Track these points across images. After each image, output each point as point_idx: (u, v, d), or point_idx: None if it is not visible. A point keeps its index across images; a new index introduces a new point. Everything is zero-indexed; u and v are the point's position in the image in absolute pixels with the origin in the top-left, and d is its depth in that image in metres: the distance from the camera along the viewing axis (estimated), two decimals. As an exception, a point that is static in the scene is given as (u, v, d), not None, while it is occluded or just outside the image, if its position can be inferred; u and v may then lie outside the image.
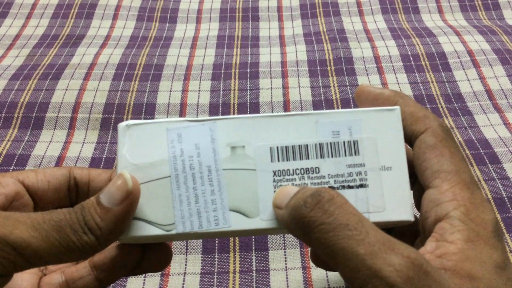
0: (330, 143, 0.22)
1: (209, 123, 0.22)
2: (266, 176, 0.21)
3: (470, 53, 0.50)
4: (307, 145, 0.22)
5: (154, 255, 0.23)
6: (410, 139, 0.22)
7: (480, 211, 0.19)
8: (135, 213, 0.21)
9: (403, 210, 0.21)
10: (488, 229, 0.18)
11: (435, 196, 0.19)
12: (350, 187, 0.21)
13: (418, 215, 0.22)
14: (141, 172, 0.21)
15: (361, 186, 0.21)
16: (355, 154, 0.22)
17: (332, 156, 0.22)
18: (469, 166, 0.20)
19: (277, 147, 0.22)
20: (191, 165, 0.21)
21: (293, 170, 0.21)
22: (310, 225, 0.18)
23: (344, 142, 0.22)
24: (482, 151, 0.40)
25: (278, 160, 0.21)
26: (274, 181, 0.21)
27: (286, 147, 0.22)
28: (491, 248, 0.18)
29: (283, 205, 0.19)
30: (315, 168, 0.21)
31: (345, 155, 0.22)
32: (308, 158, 0.22)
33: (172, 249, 0.33)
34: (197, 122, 0.22)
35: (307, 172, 0.21)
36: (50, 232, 0.18)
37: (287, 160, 0.22)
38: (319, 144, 0.22)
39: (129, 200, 0.20)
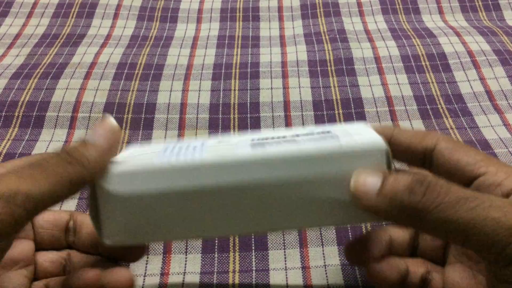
0: (306, 133, 0.23)
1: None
2: (245, 143, 0.23)
3: (470, 53, 0.50)
4: (285, 136, 0.23)
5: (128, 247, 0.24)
6: (424, 154, 0.23)
7: None
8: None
9: (373, 139, 0.22)
10: None
11: (492, 178, 0.21)
12: (322, 138, 0.22)
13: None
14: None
15: (331, 137, 0.22)
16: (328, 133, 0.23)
17: (306, 135, 0.23)
18: None
19: (258, 137, 0.23)
20: (180, 146, 0.23)
21: (270, 137, 0.23)
22: (426, 209, 0.18)
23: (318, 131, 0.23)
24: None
25: (257, 142, 0.23)
26: (251, 144, 0.22)
27: (265, 136, 0.23)
28: None
29: (373, 194, 0.20)
30: (291, 135, 0.23)
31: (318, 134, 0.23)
32: (285, 137, 0.23)
33: (172, 249, 0.33)
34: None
35: (283, 137, 0.23)
36: (34, 172, 0.19)
37: (265, 142, 0.23)
38: (296, 134, 0.23)
39: (113, 137, 0.21)
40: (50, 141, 0.42)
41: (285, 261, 0.33)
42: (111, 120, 0.22)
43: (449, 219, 0.18)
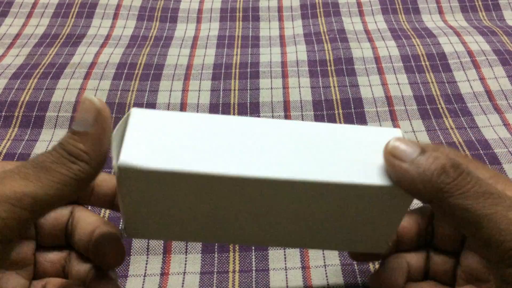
0: None
1: None
2: None
3: (470, 53, 0.50)
4: None
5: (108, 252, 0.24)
6: None
7: None
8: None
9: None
10: None
11: None
12: None
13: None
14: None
15: None
16: None
17: None
18: None
19: None
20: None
21: None
22: (451, 192, 0.19)
23: None
24: (482, 152, 0.40)
25: None
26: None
27: None
28: None
29: (407, 159, 0.20)
30: None
31: None
32: None
33: (172, 249, 0.33)
34: None
35: None
36: (39, 174, 0.18)
37: None
38: None
39: (102, 118, 0.20)
40: (50, 141, 0.42)
41: (285, 261, 0.33)
42: (93, 100, 0.20)
43: (469, 208, 0.19)
